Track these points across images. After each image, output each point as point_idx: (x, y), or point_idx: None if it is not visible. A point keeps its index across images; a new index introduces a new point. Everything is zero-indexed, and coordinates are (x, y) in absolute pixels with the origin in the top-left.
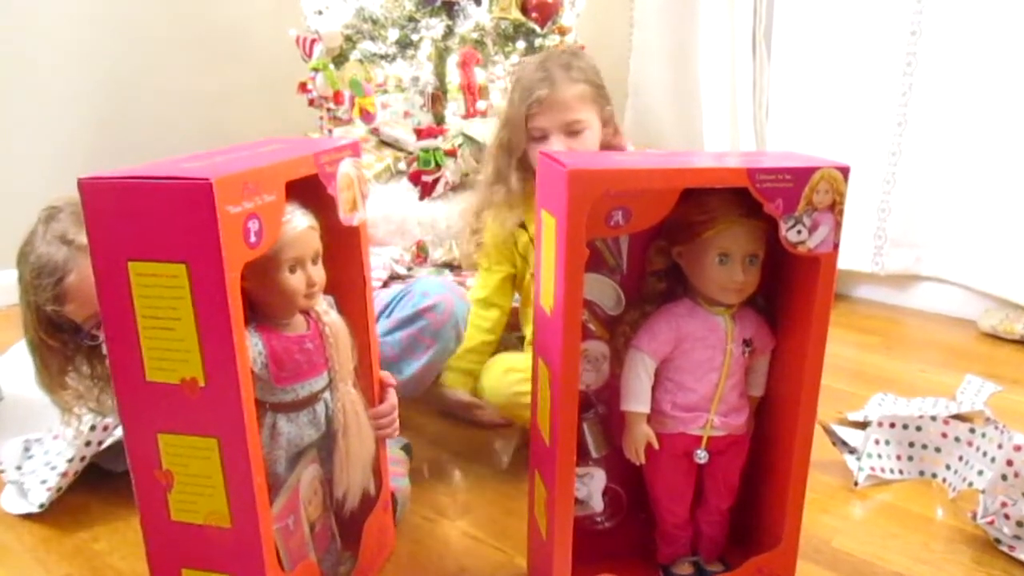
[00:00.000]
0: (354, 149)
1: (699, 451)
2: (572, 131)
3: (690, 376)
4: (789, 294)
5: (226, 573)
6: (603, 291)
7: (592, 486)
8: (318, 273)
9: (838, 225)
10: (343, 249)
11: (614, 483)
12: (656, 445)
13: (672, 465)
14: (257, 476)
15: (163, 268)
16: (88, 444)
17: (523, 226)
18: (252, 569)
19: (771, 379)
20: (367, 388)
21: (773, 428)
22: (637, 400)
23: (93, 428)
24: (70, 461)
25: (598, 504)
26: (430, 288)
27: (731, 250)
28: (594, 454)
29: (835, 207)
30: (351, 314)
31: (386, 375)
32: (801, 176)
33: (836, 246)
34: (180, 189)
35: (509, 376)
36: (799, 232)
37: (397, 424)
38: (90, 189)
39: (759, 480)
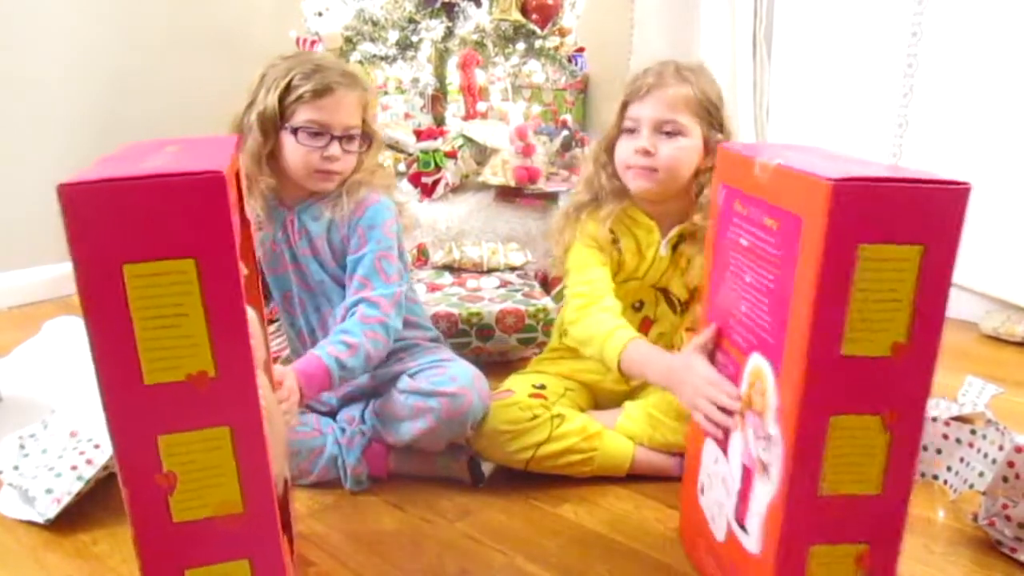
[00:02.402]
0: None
1: None
2: (665, 131)
3: None
4: None
5: (238, 560)
6: None
7: None
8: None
9: None
10: (242, 242)
11: None
12: None
13: None
14: (266, 455)
15: (167, 266)
16: (106, 467)
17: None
18: (267, 546)
19: None
20: (270, 377)
21: None
22: None
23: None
24: (87, 482)
25: None
26: (460, 375)
27: None
28: None
29: None
30: (255, 305)
31: (277, 370)
32: None
33: None
34: (190, 184)
35: (500, 438)
36: None
37: (296, 410)
38: (75, 194)
39: None
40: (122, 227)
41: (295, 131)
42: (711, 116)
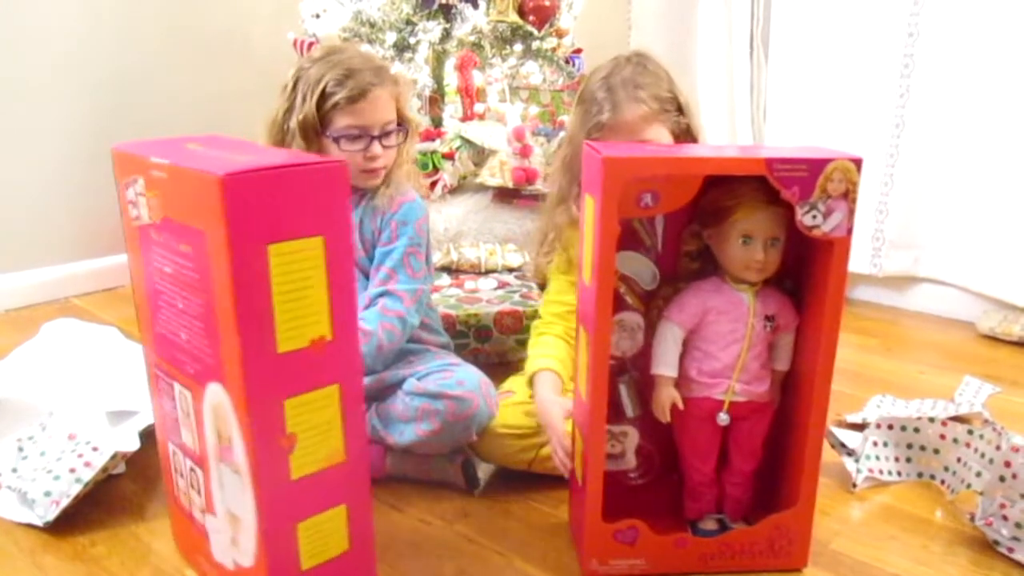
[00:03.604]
0: None
1: (721, 414)
2: None
3: (714, 346)
4: (810, 276)
5: (337, 506)
6: (640, 268)
7: (627, 443)
8: None
9: (851, 212)
10: None
11: (648, 443)
12: (680, 405)
13: (697, 426)
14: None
15: (302, 244)
16: (105, 470)
17: None
18: (361, 490)
19: (795, 355)
20: None
21: (795, 399)
22: (665, 364)
23: (114, 456)
24: (85, 484)
25: (632, 460)
26: (468, 379)
27: (753, 233)
28: (629, 414)
29: (848, 195)
30: None
31: None
32: (815, 166)
33: (850, 231)
34: (323, 171)
35: (502, 439)
36: (814, 217)
37: None
38: (234, 183)
39: (782, 447)
40: (268, 211)
41: (337, 140)
42: (670, 110)
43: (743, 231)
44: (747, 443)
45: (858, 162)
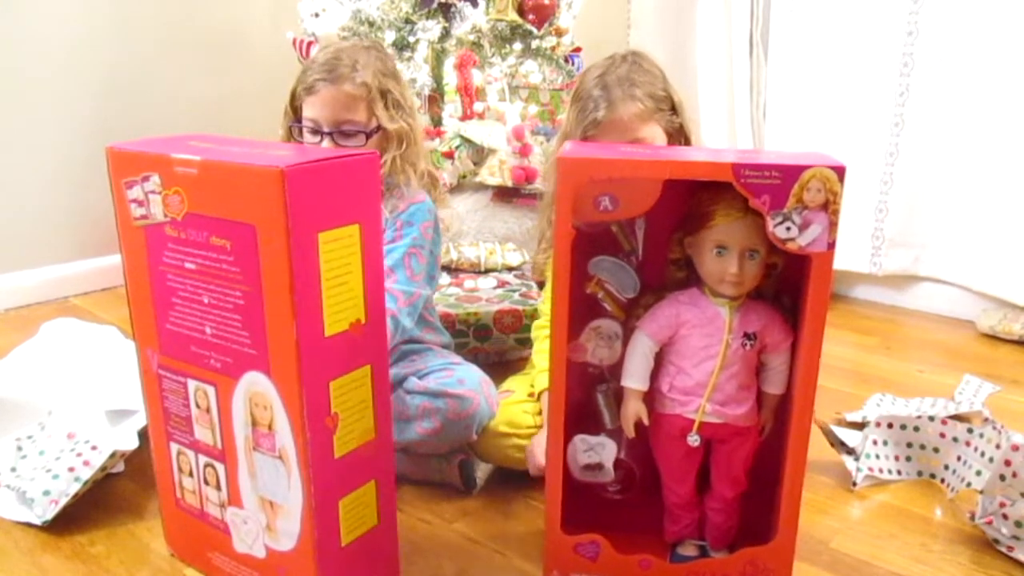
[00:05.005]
0: None
1: (691, 435)
2: None
3: (687, 361)
4: (796, 294)
5: (369, 482)
6: (620, 274)
7: (604, 455)
8: None
9: (833, 225)
10: None
11: (628, 457)
12: (646, 421)
13: (669, 444)
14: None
15: (344, 232)
16: (104, 469)
17: None
18: (387, 465)
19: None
20: None
21: (778, 425)
22: (633, 377)
23: (113, 455)
24: (84, 483)
25: (610, 473)
26: (468, 378)
27: (728, 243)
28: (608, 425)
29: (829, 206)
30: None
31: None
32: (790, 174)
33: (831, 245)
34: (360, 163)
35: (501, 440)
36: (788, 229)
37: None
38: (293, 175)
39: (767, 475)
40: (318, 200)
41: (300, 130)
42: (664, 108)
43: (717, 241)
44: (727, 468)
45: (839, 170)
